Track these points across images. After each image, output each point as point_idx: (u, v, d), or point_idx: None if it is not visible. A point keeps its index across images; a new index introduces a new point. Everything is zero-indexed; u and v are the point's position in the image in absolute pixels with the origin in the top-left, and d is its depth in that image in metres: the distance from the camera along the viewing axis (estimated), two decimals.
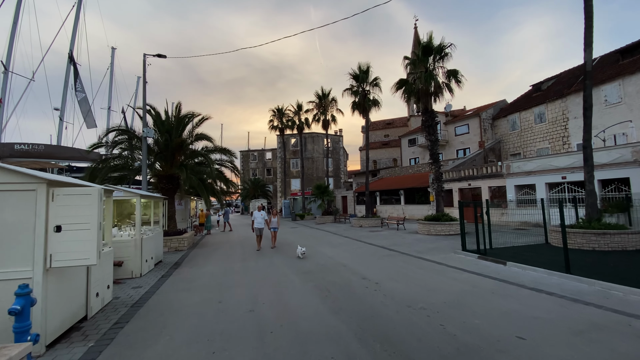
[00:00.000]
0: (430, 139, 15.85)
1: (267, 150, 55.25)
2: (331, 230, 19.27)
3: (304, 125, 32.52)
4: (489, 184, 19.21)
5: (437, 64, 15.88)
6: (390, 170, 33.62)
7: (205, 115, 14.93)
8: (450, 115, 31.52)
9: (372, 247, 11.94)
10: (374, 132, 59.88)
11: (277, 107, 35.67)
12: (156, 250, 9.75)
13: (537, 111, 24.76)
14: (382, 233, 16.58)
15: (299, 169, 35.35)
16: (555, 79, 26.36)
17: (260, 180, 51.01)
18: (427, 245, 11.81)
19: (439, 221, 14.95)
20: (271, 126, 36.33)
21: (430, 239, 13.64)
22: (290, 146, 45.28)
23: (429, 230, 14.95)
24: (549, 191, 16.21)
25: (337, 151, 46.76)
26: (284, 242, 14.29)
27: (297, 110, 32.57)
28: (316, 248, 12.20)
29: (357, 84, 21.81)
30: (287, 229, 21.92)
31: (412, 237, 14.49)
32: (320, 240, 14.87)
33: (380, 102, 21.93)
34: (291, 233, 18.78)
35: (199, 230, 19.88)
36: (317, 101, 28.55)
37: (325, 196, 26.82)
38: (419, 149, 33.65)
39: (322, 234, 17.41)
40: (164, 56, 12.09)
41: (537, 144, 24.57)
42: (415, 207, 24.92)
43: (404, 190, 26.02)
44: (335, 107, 28.33)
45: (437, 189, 15.91)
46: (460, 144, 29.56)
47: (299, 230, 20.26)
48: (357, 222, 21.08)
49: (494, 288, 6.17)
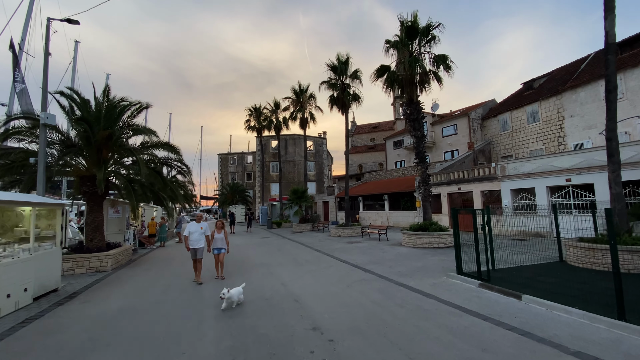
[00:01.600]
0: (415, 134, 13.61)
1: (247, 153, 52.45)
2: (304, 242, 16.73)
3: (281, 125, 30.03)
4: (481, 187, 17.12)
5: (423, 48, 13.73)
6: (375, 174, 31.45)
7: (145, 103, 12.26)
8: (437, 116, 29.68)
9: (343, 267, 9.47)
10: (360, 136, 58.06)
11: (254, 106, 33.14)
12: (41, 277, 7.00)
13: (529, 110, 23.04)
14: (360, 245, 14.16)
15: (279, 173, 32.75)
16: (547, 77, 24.81)
17: (239, 185, 48.10)
18: (413, 264, 9.42)
19: (427, 231, 12.64)
20: (248, 126, 33.74)
21: (416, 253, 11.27)
22: (270, 149, 42.68)
23: (415, 242, 12.62)
24: (550, 195, 14.18)
25: (320, 154, 44.41)
26: (243, 262, 11.71)
27: (274, 109, 30.11)
28: (274, 269, 9.65)
29: (336, 76, 19.53)
30: (257, 239, 19.25)
31: (394, 250, 12.11)
32: (285, 255, 12.32)
33: (362, 97, 19.73)
34: (258, 246, 16.15)
35: (148, 243, 17.00)
36: (294, 97, 26.12)
37: (302, 202, 24.31)
38: (404, 151, 31.63)
39: (292, 247, 14.86)
40: (77, 22, 9.45)
41: (530, 145, 22.79)
42: (400, 213, 22.67)
43: (388, 195, 23.78)
44: (314, 104, 26.00)
45: (424, 194, 13.64)
46: (448, 146, 27.65)
47: (269, 242, 17.63)
48: (335, 231, 18.62)
49: (518, 354, 3.76)
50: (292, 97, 26.23)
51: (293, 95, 26.08)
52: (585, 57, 22.90)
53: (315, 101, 25.78)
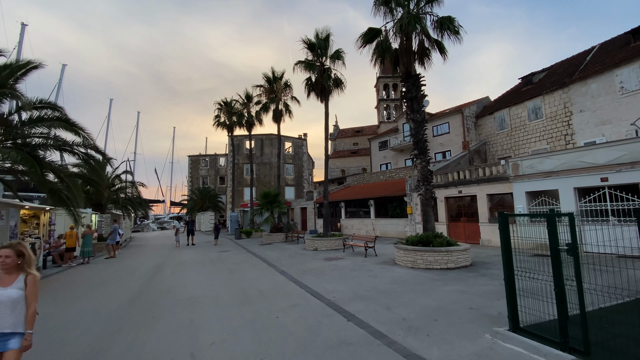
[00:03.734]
0: (414, 118, 10.41)
1: (221, 155, 48.28)
2: (270, 258, 13.09)
3: (253, 120, 26.39)
4: (488, 190, 14.13)
5: (422, 9, 10.64)
6: (359, 177, 28.28)
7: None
8: (427, 113, 26.98)
9: (314, 307, 5.95)
10: (342, 140, 55.27)
11: (224, 100, 29.37)
12: None
13: (531, 105, 20.59)
14: (342, 264, 10.69)
15: (251, 175, 28.97)
16: (546, 72, 22.59)
17: (209, 189, 43.77)
18: (422, 301, 6.02)
19: (430, 246, 9.35)
20: (217, 122, 29.87)
21: (420, 278, 7.92)
22: (244, 149, 38.82)
23: (415, 260, 9.29)
24: (579, 200, 11.29)
25: (299, 156, 40.97)
26: (163, 296, 8.02)
27: (246, 102, 26.46)
28: (201, 312, 6.02)
29: (314, 56, 16.23)
30: (213, 254, 15.43)
31: (388, 273, 8.71)
32: (233, 282, 8.67)
33: (345, 83, 16.49)
34: (205, 265, 12.39)
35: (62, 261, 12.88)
36: (267, 86, 22.59)
37: (274, 207, 20.67)
38: (391, 152, 28.69)
39: (250, 267, 11.19)
40: None
41: (532, 145, 20.27)
42: (388, 221, 19.44)
43: (374, 200, 20.55)
44: (289, 93, 22.54)
45: (425, 196, 10.39)
46: (440, 146, 24.88)
47: (224, 259, 13.86)
48: (311, 243, 15.09)
49: None
50: (264, 86, 22.68)
51: (266, 84, 22.53)
52: (589, 50, 20.79)
53: (292, 91, 22.43)
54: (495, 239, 13.57)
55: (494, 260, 10.05)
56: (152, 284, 8.73)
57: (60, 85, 43.95)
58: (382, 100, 46.48)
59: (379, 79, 47.21)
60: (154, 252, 17.42)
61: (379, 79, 47.37)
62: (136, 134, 61.82)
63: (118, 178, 20.75)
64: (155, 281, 9.17)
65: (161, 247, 20.70)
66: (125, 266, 12.56)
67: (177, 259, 14.21)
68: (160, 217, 60.43)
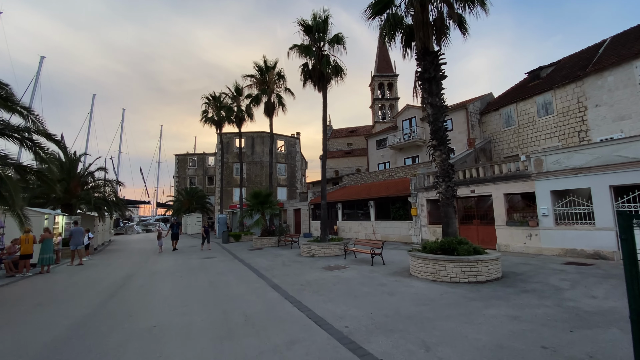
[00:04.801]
0: (432, 102, 8.83)
1: (209, 154, 46.15)
2: (260, 266, 11.34)
3: (244, 115, 24.55)
4: (505, 189, 12.68)
5: None
6: (355, 177, 26.71)
7: None
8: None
9: (319, 349, 4.24)
10: (336, 140, 53.83)
11: (212, 94, 27.47)
12: None
13: (540, 101, 19.35)
14: (346, 275, 9.02)
15: (240, 174, 27.10)
16: (554, 66, 21.45)
17: (197, 189, 41.61)
18: (470, 335, 4.38)
19: (455, 254, 7.76)
20: (205, 118, 27.93)
21: (450, 297, 6.30)
22: (234, 148, 36.86)
23: (437, 272, 7.68)
24: (614, 200, 9.89)
25: (292, 155, 39.22)
26: (119, 323, 6.20)
27: (235, 95, 24.61)
28: (162, 351, 4.25)
29: (311, 39, 14.58)
30: (195, 261, 13.58)
31: (406, 290, 7.07)
32: (213, 303, 6.90)
33: (345, 70, 14.89)
34: (183, 276, 10.57)
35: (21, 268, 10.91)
36: (258, 76, 20.81)
37: (266, 208, 18.88)
38: (389, 151, 27.20)
39: (236, 279, 9.42)
40: None
41: (542, 142, 19.01)
42: (390, 224, 17.87)
43: (374, 201, 18.97)
44: (283, 85, 20.81)
45: (446, 194, 8.81)
46: None
47: (207, 267, 12.04)
48: (307, 249, 13.38)
49: None
50: (255, 76, 20.89)
51: (257, 74, 20.76)
52: (600, 43, 19.69)
53: (285, 82, 20.71)
54: (514, 243, 12.13)
55: (524, 270, 8.53)
56: (110, 304, 6.90)
57: (37, 78, 41.39)
58: (377, 99, 45.23)
59: (374, 78, 45.99)
60: (130, 259, 15.45)
61: (373, 77, 46.14)
62: (121, 132, 59.01)
63: (91, 175, 18.67)
64: (116, 299, 7.33)
65: (140, 252, 18.69)
66: (88, 276, 10.63)
67: (153, 267, 12.33)
68: (146, 219, 57.79)
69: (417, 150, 24.96)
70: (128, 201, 55.61)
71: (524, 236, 11.91)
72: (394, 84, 48.02)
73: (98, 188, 19.03)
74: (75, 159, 18.51)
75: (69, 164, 18.08)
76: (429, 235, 15.49)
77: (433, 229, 15.35)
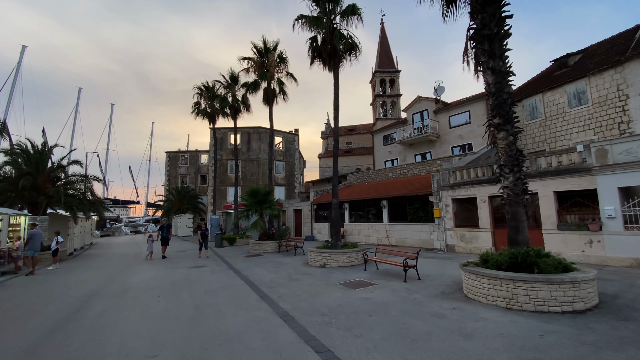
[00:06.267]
0: (494, 66, 6.63)
1: (202, 151, 43.62)
2: (262, 281, 9.06)
3: (240, 106, 22.21)
4: (556, 186, 10.59)
5: None
6: (361, 175, 24.53)
7: None
8: (441, 102, 23.56)
9: None
10: None
11: (205, 84, 25.09)
12: None
13: (572, 90, 17.39)
14: (377, 297, 6.80)
15: (236, 171, 24.75)
16: (582, 54, 19.54)
17: (188, 188, 39.10)
18: None
19: (535, 271, 5.60)
20: (196, 110, 25.55)
21: (564, 348, 4.12)
22: (228, 144, 34.47)
23: (514, 297, 5.50)
24: None
25: (291, 153, 36.96)
26: None
27: (231, 83, 22.25)
28: None
29: (321, 10, 12.36)
30: (181, 271, 11.24)
31: (482, 327, 4.88)
32: (196, 346, 4.61)
33: (359, 47, 12.70)
34: (158, 297, 8.27)
35: None
36: (257, 59, 18.48)
37: (265, 208, 16.57)
38: (398, 147, 25.08)
39: (231, 301, 7.14)
40: None
41: (575, 136, 17.05)
42: (407, 226, 15.69)
43: (387, 200, 16.79)
44: (284, 69, 18.53)
45: (514, 189, 6.65)
46: (458, 139, 21.45)
47: (194, 280, 9.73)
48: (316, 258, 11.12)
49: None
50: (253, 59, 18.55)
51: (255, 56, 18.42)
52: (635, 28, 17.84)
53: (287, 66, 18.42)
54: (568, 252, 10.03)
55: (616, 290, 6.41)
56: (45, 348, 4.60)
57: (19, 69, 38.65)
58: (379, 96, 43.29)
59: (375, 74, 44.07)
60: (105, 267, 13.05)
61: (375, 73, 44.23)
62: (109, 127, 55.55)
63: (62, 169, 16.17)
64: (58, 337, 5.04)
65: (120, 258, 16.26)
66: (39, 294, 8.25)
67: (128, 280, 9.98)
68: (135, 219, 54.91)
69: (430, 145, 22.87)
70: (116, 201, 52.74)
71: (582, 242, 9.83)
72: (395, 80, 46.09)
73: (71, 184, 16.55)
74: (45, 151, 16.02)
75: (38, 156, 15.61)
76: (456, 240, 13.37)
77: (460, 233, 13.23)
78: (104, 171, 50.12)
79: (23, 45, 37.23)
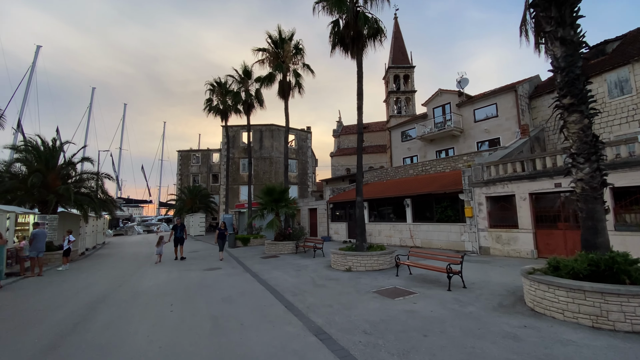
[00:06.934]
0: (564, 36, 5.55)
1: (214, 150, 43.21)
2: (284, 286, 8.18)
3: (253, 102, 21.46)
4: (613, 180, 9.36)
5: None
6: (378, 173, 23.47)
7: None
8: (464, 95, 22.31)
9: None
10: (347, 137, 50.79)
11: (217, 80, 24.45)
12: None
13: (612, 78, 16.00)
14: (425, 312, 5.84)
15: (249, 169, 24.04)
16: (620, 40, 18.06)
17: (200, 187, 38.69)
18: None
19: (622, 276, 4.54)
20: (208, 107, 24.92)
21: None
22: (240, 142, 33.86)
23: (604, 314, 4.46)
24: None
25: (304, 151, 36.12)
26: None
27: (244, 78, 21.52)
28: None
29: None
30: (195, 274, 10.46)
31: (574, 353, 3.88)
32: None
33: (385, 32, 11.72)
34: (170, 304, 7.46)
35: None
36: (272, 50, 17.64)
37: (281, 207, 15.73)
38: (418, 143, 23.92)
39: (253, 311, 6.26)
40: None
41: (616, 128, 15.68)
42: (434, 227, 14.61)
43: (411, 198, 15.74)
44: (300, 60, 17.66)
45: (591, 182, 5.57)
46: (484, 134, 20.19)
47: (209, 284, 8.93)
48: (340, 261, 10.20)
49: None
50: (268, 50, 17.73)
51: (270, 47, 17.60)
52: None
53: (303, 57, 17.54)
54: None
55: None
56: None
57: (33, 69, 38.87)
58: (392, 92, 41.97)
59: (389, 70, 42.76)
60: (115, 268, 12.42)
61: (388, 69, 42.94)
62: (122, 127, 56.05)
63: (72, 167, 15.65)
64: (54, 356, 4.24)
65: (132, 258, 15.69)
66: (42, 300, 7.56)
67: (139, 283, 9.25)
68: (148, 219, 55.02)
69: (452, 141, 21.66)
70: (129, 200, 52.93)
71: None
72: (410, 75, 44.67)
73: (82, 182, 16.03)
74: (56, 148, 15.54)
75: (48, 152, 15.13)
76: (490, 242, 12.25)
77: (496, 234, 12.10)
78: (116, 170, 50.31)
79: (37, 45, 37.39)
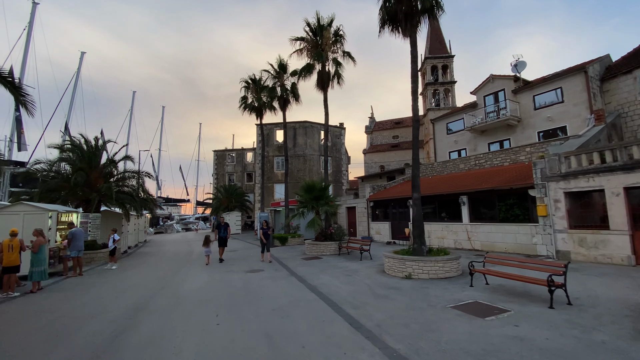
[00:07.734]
0: None
1: (248, 149, 43.37)
2: (338, 297, 7.12)
3: (289, 96, 20.67)
4: None
5: None
6: (423, 169, 21.70)
7: None
8: (521, 80, 20.01)
9: None
10: (380, 133, 49.08)
11: (252, 77, 23.99)
12: None
13: None
14: (543, 342, 4.49)
15: (286, 167, 23.37)
16: None
17: (235, 186, 38.85)
18: None
19: None
20: (244, 104, 24.55)
21: None
22: (274, 140, 33.44)
23: None
24: None
25: (337, 148, 35.03)
26: None
27: (279, 72, 20.79)
28: None
29: None
30: (236, 277, 9.73)
31: None
32: None
33: (442, 5, 10.27)
34: (215, 313, 6.61)
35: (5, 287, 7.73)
36: (310, 38, 16.65)
37: (322, 205, 14.75)
38: (466, 135, 21.89)
39: (313, 328, 5.23)
40: None
41: None
42: (497, 227, 12.87)
43: (467, 195, 14.08)
44: (340, 48, 16.50)
45: None
46: (546, 122, 17.85)
47: (254, 290, 8.08)
48: (397, 266, 8.98)
49: None
50: (306, 39, 16.74)
51: (309, 35, 16.60)
52: None
53: (343, 44, 16.39)
54: None
55: None
56: None
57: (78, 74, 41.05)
58: (430, 84, 39.63)
59: (426, 60, 40.38)
60: (157, 268, 12.11)
61: (425, 60, 40.59)
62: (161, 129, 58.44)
63: (114, 165, 15.70)
64: None
65: (173, 257, 15.50)
66: (83, 304, 7.09)
67: (180, 287, 8.64)
68: (186, 217, 56.77)
69: (508, 131, 19.47)
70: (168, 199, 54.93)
71: None
72: (449, 65, 41.96)
73: (123, 181, 16.07)
74: (99, 147, 15.66)
75: (91, 151, 15.26)
76: (571, 245, 10.39)
77: (579, 236, 10.22)
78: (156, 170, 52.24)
79: (82, 51, 39.37)
